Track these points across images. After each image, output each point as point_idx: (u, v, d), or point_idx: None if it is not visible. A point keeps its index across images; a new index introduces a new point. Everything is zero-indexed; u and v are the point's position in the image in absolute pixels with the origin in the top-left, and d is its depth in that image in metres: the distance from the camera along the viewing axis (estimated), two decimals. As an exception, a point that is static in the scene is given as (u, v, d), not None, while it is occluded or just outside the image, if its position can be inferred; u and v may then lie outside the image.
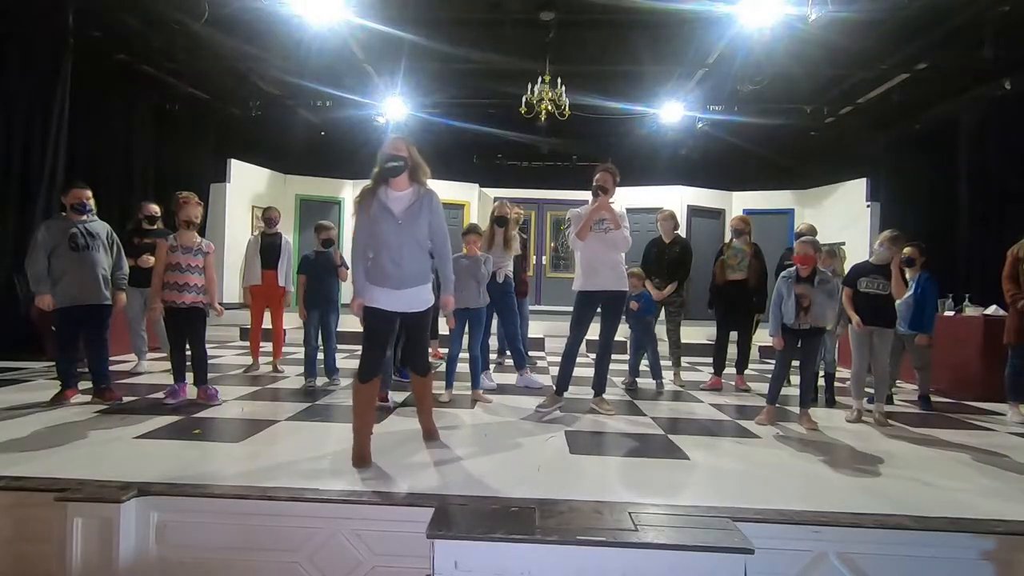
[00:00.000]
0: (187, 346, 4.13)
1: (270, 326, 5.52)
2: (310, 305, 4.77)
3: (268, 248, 5.42)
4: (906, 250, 4.81)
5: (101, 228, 4.11)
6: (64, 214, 4.01)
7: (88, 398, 4.01)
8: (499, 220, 5.02)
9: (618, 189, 4.08)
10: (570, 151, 10.91)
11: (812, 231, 5.40)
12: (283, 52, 7.54)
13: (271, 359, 5.50)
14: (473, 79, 8.76)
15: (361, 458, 2.78)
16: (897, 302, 4.55)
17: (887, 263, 4.12)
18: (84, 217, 4.01)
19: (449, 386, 4.42)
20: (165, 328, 4.15)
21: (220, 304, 4.24)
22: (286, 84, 8.83)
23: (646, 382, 5.24)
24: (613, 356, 4.24)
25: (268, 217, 5.56)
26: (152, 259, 5.14)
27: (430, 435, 3.28)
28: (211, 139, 9.43)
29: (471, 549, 2.02)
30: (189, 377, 4.12)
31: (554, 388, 4.05)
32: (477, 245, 4.49)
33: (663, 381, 5.15)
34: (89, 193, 4.04)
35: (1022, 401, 4.36)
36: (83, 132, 6.82)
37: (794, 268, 3.93)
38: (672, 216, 5.64)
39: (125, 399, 4.05)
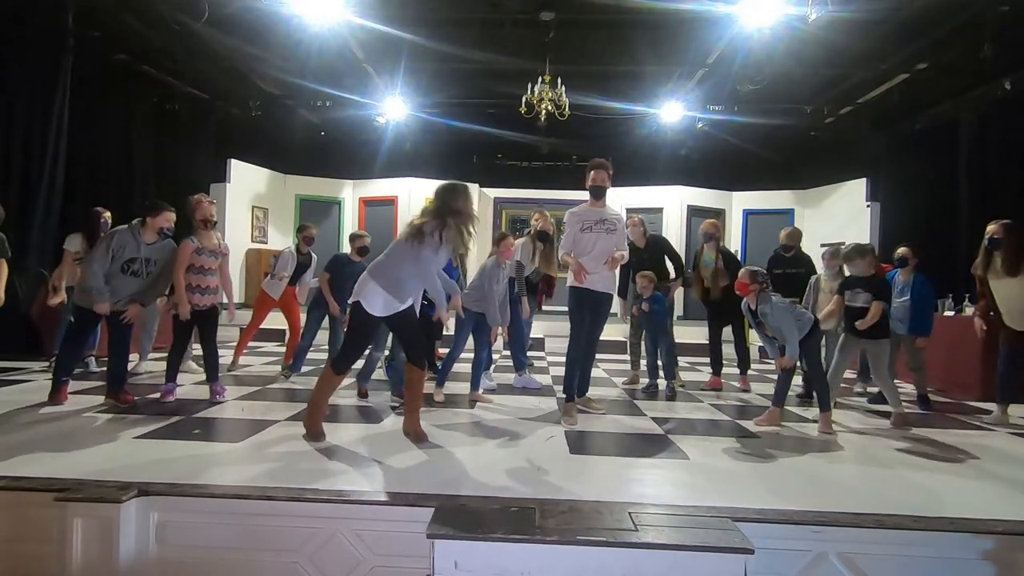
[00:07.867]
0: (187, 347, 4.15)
1: (268, 326, 5.54)
2: (320, 303, 4.81)
3: (299, 268, 5.43)
4: (900, 250, 4.78)
5: (166, 252, 3.96)
6: (141, 228, 3.83)
7: (87, 398, 4.00)
8: (542, 235, 4.96)
9: (619, 189, 4.08)
10: (570, 151, 10.88)
11: (796, 236, 5.27)
12: (283, 52, 7.53)
13: (281, 360, 5.53)
14: (473, 79, 8.75)
15: (315, 435, 3.16)
16: (895, 303, 4.50)
17: (863, 275, 3.99)
18: (158, 240, 3.90)
19: (440, 385, 4.41)
20: (177, 328, 4.11)
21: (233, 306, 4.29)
22: (286, 84, 8.83)
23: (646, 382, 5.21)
24: (613, 357, 4.22)
25: (308, 236, 5.49)
26: None
27: (418, 437, 3.22)
28: (211, 139, 9.42)
29: (471, 549, 2.01)
30: (182, 378, 4.16)
31: (565, 397, 3.93)
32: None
33: (674, 383, 5.08)
34: (174, 216, 3.92)
35: (1003, 401, 4.26)
36: (83, 132, 6.81)
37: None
38: (641, 222, 5.36)
39: (125, 399, 4.06)
